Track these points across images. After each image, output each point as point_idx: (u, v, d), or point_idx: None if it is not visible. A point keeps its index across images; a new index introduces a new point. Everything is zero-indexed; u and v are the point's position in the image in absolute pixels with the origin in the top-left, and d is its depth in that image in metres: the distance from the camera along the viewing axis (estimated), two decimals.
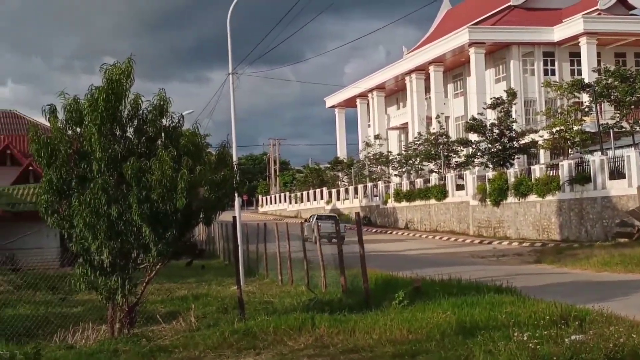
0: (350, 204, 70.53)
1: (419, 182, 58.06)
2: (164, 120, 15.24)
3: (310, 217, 52.83)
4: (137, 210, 14.01)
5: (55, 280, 22.20)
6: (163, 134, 15.22)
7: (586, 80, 52.65)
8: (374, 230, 58.58)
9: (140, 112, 15.06)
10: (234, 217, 17.99)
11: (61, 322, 16.68)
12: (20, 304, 20.54)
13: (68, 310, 19.09)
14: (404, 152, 70.77)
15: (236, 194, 18.86)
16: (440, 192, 52.87)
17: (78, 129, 14.93)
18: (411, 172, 66.88)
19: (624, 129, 47.08)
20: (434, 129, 66.18)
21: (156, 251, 14.45)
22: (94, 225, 14.06)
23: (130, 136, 15.07)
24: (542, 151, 57.16)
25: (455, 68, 72.58)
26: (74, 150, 14.79)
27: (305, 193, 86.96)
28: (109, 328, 15.28)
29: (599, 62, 61.31)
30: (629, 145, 43.87)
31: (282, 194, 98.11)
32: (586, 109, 50.68)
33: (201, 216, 15.58)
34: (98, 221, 14.04)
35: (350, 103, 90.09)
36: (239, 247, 19.87)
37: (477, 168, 55.56)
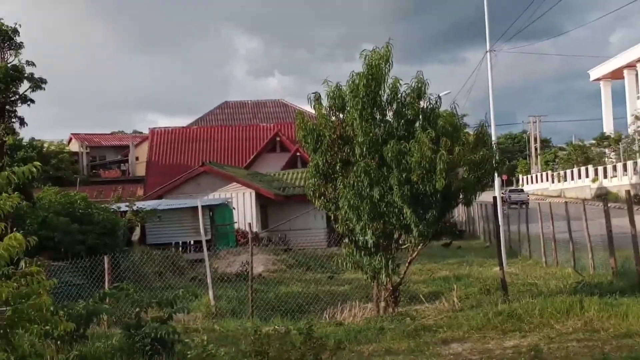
0: (619, 181, 66.28)
1: None
2: (421, 103, 15.37)
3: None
4: (398, 192, 14.29)
5: (323, 260, 23.38)
6: (421, 116, 15.36)
7: None
8: None
9: (399, 95, 15.31)
10: (494, 197, 17.72)
11: (330, 300, 17.53)
12: (292, 282, 21.90)
13: (336, 288, 20.02)
14: None
15: (495, 174, 18.54)
16: None
17: (341, 115, 15.53)
18: None
19: None
20: None
21: (417, 232, 14.65)
22: (357, 207, 14.56)
23: (390, 119, 15.37)
24: None
25: None
26: (338, 135, 15.39)
27: (568, 171, 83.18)
28: (374, 306, 15.76)
29: None
30: None
31: (544, 173, 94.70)
32: None
33: (460, 197, 15.53)
34: (361, 203, 14.52)
35: (616, 75, 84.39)
36: (500, 228, 19.52)
37: None
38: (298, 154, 45.86)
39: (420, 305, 16.04)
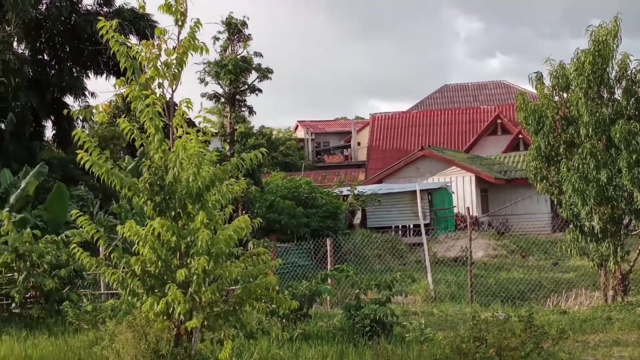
0: None
1: None
2: None
3: None
4: (627, 175, 13.49)
5: (547, 246, 22.64)
6: None
7: None
8: None
9: (629, 72, 14.41)
10: None
11: (553, 287, 16.97)
12: (513, 267, 21.43)
13: (560, 275, 19.32)
14: None
15: None
16: None
17: (564, 94, 14.94)
18: None
19: None
20: None
21: None
22: (582, 191, 13.95)
23: (618, 98, 14.53)
24: None
25: None
26: (561, 116, 14.85)
27: None
28: (601, 295, 15.05)
29: None
30: None
31: None
32: None
33: None
34: (587, 187, 13.89)
35: None
36: None
37: None
38: (520, 136, 44.48)
39: None
